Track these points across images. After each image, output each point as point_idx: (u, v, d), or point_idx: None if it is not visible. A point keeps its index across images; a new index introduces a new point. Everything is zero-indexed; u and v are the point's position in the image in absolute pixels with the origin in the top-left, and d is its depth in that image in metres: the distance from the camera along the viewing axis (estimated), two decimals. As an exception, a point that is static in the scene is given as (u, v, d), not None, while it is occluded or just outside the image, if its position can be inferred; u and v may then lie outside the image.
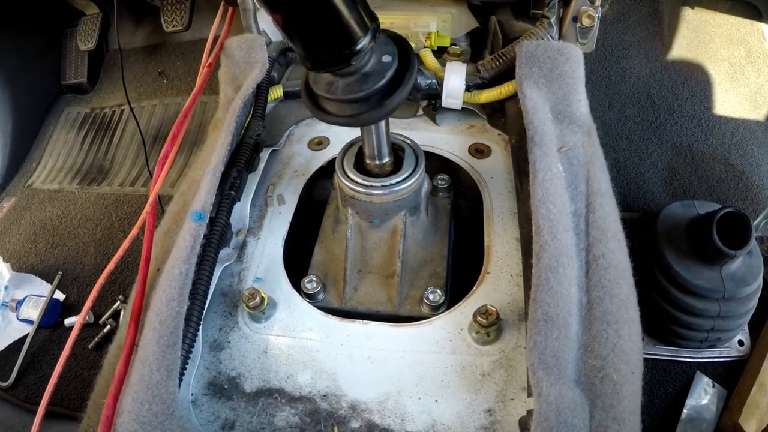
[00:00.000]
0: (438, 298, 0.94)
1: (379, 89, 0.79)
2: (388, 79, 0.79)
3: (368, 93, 0.78)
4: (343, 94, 0.79)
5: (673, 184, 1.75)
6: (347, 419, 0.82)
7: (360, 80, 0.78)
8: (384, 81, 0.79)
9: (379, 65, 0.79)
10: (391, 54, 0.80)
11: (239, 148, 1.11)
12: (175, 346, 0.79)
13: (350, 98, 0.79)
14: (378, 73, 0.79)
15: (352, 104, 0.80)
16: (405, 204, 0.99)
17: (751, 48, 2.05)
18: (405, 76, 0.80)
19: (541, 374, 0.73)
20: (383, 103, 0.79)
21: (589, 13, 1.20)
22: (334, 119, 0.83)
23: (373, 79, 0.78)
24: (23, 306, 1.63)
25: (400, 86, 0.79)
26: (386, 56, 0.79)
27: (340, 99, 0.80)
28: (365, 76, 0.78)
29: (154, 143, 2.17)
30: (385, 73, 0.79)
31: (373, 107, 0.80)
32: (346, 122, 0.83)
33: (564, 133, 1.07)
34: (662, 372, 1.38)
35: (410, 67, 0.80)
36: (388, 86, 0.79)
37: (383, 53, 0.79)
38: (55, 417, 1.40)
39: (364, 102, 0.80)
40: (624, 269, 0.89)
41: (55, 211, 2.00)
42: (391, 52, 0.80)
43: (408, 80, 0.80)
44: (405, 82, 0.80)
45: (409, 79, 0.80)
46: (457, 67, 1.17)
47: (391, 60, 0.79)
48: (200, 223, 0.92)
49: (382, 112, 0.81)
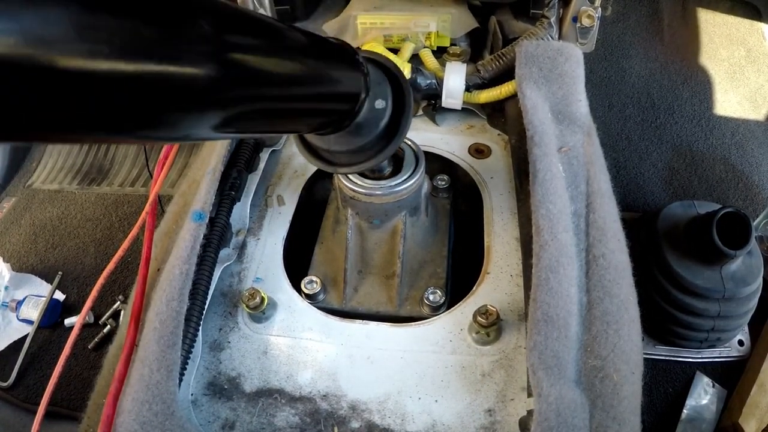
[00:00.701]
0: (438, 299, 0.94)
1: (374, 140, 0.74)
2: (383, 128, 0.74)
3: (362, 145, 0.74)
4: (336, 146, 0.75)
5: (673, 184, 1.75)
6: (347, 419, 0.82)
7: (353, 133, 0.73)
8: (378, 131, 0.74)
9: (371, 113, 0.72)
10: (384, 97, 0.73)
11: (239, 148, 1.11)
12: (175, 346, 0.79)
13: (344, 150, 0.76)
14: (371, 123, 0.73)
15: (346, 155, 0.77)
16: (405, 204, 0.99)
17: (751, 48, 2.05)
18: (401, 121, 0.75)
19: (541, 374, 0.73)
20: (378, 154, 0.76)
21: (588, 13, 1.20)
22: (330, 168, 0.80)
23: (366, 131, 0.73)
24: (23, 306, 1.63)
25: (395, 135, 0.75)
26: (379, 101, 0.73)
27: (333, 150, 0.76)
28: (358, 127, 0.72)
29: (154, 143, 2.17)
30: (379, 123, 0.73)
31: (368, 157, 0.77)
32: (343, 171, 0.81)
33: (564, 133, 1.07)
34: (662, 372, 1.38)
35: (405, 111, 0.75)
36: (383, 135, 0.75)
37: (376, 97, 0.72)
38: (55, 417, 1.40)
39: (359, 153, 0.76)
40: (624, 269, 0.89)
41: (55, 211, 1.99)
42: (384, 95, 0.73)
43: (404, 126, 0.75)
44: (401, 129, 0.75)
45: (405, 124, 0.75)
46: (456, 67, 1.17)
47: (385, 106, 0.73)
48: (200, 223, 0.92)
49: (378, 160, 0.77)
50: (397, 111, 0.75)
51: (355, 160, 0.77)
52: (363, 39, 1.32)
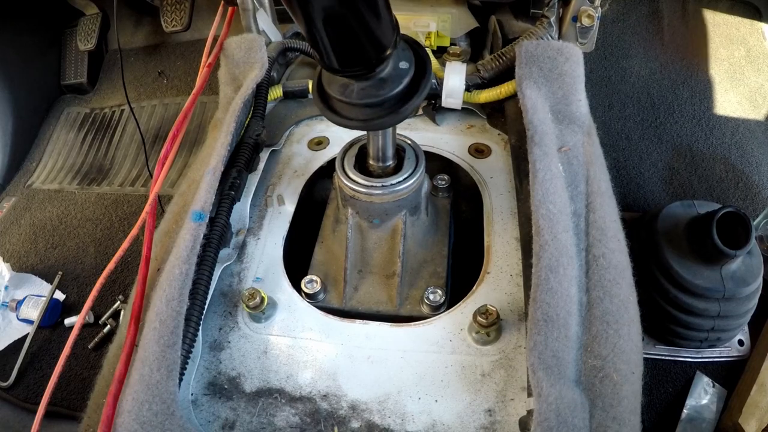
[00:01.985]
0: (438, 298, 0.94)
1: (394, 95, 0.78)
2: (405, 86, 0.78)
3: (384, 98, 0.78)
4: (358, 98, 0.78)
5: (673, 184, 1.75)
6: (347, 419, 0.82)
7: (376, 85, 0.77)
8: (400, 87, 0.78)
9: (395, 71, 0.78)
10: (408, 60, 0.79)
11: (239, 148, 1.11)
12: (175, 346, 0.79)
13: (365, 102, 0.78)
14: (395, 79, 0.78)
15: (366, 108, 0.79)
16: (405, 204, 0.99)
17: (751, 48, 2.05)
18: (421, 83, 0.79)
19: (541, 374, 0.73)
20: (398, 109, 0.79)
21: (588, 13, 1.20)
22: (346, 122, 0.82)
23: (390, 85, 0.77)
24: (23, 306, 1.63)
25: (415, 93, 0.79)
26: (403, 62, 0.78)
27: (354, 103, 0.79)
28: (382, 81, 0.77)
29: (154, 143, 2.17)
30: (401, 80, 0.78)
31: (388, 113, 0.79)
32: (359, 126, 0.82)
33: (564, 132, 1.07)
34: (662, 372, 1.38)
35: (426, 75, 0.80)
36: (403, 93, 0.79)
37: (400, 59, 0.78)
38: (55, 417, 1.40)
39: (378, 107, 0.79)
40: (624, 269, 0.89)
41: (55, 211, 1.99)
42: (408, 59, 0.79)
43: (424, 87, 0.79)
44: (421, 90, 0.79)
45: (425, 86, 0.79)
46: (457, 67, 1.17)
47: (408, 67, 0.78)
48: (200, 223, 0.92)
49: (396, 118, 0.80)
50: (418, 74, 0.80)
51: (375, 114, 0.79)
52: (363, 39, 1.32)
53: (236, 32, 1.30)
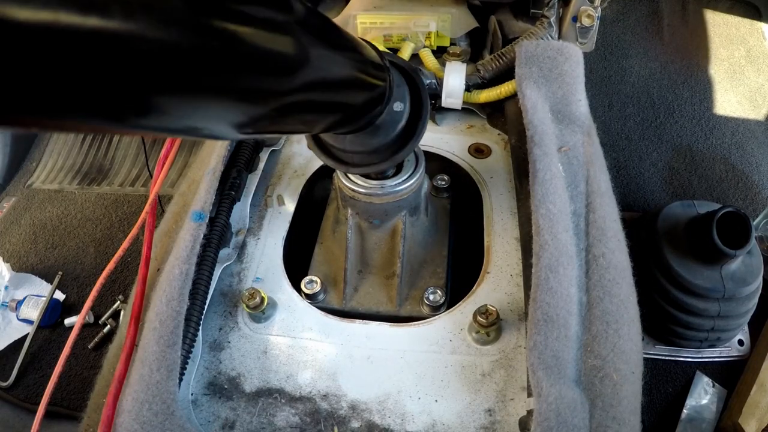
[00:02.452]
0: (438, 298, 0.94)
1: (389, 142, 0.75)
2: (400, 131, 0.75)
3: (377, 147, 0.75)
4: (351, 146, 0.75)
5: (673, 184, 1.75)
6: (347, 419, 0.82)
7: (370, 134, 0.73)
8: (395, 133, 0.74)
9: (389, 116, 0.73)
10: (403, 99, 0.74)
11: (239, 148, 1.10)
12: (175, 346, 0.79)
13: (358, 151, 0.76)
14: (389, 124, 0.74)
15: (359, 155, 0.77)
16: (405, 204, 0.99)
17: (751, 48, 2.05)
18: (417, 126, 0.76)
19: (541, 374, 0.73)
20: (393, 156, 0.76)
21: (588, 13, 1.20)
22: (342, 167, 0.80)
23: (383, 132, 0.74)
24: (23, 306, 1.63)
25: (411, 138, 0.75)
26: (398, 104, 0.74)
27: (347, 150, 0.77)
28: (375, 128, 0.73)
29: (154, 143, 2.17)
30: (396, 125, 0.74)
31: (383, 159, 0.77)
32: (355, 171, 0.81)
33: (564, 132, 1.07)
34: (662, 372, 1.38)
35: (422, 116, 0.76)
36: (399, 138, 0.76)
37: (394, 100, 0.73)
38: (55, 417, 1.40)
39: (373, 154, 0.77)
40: (624, 269, 0.89)
41: (55, 211, 1.99)
42: (402, 97, 0.74)
43: (420, 131, 0.76)
44: (417, 133, 0.75)
45: (421, 129, 0.76)
46: (456, 67, 1.17)
47: (403, 109, 0.74)
48: (200, 223, 0.92)
49: (392, 162, 0.78)
50: (414, 114, 0.76)
51: (369, 160, 0.78)
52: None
53: (236, 32, 1.30)
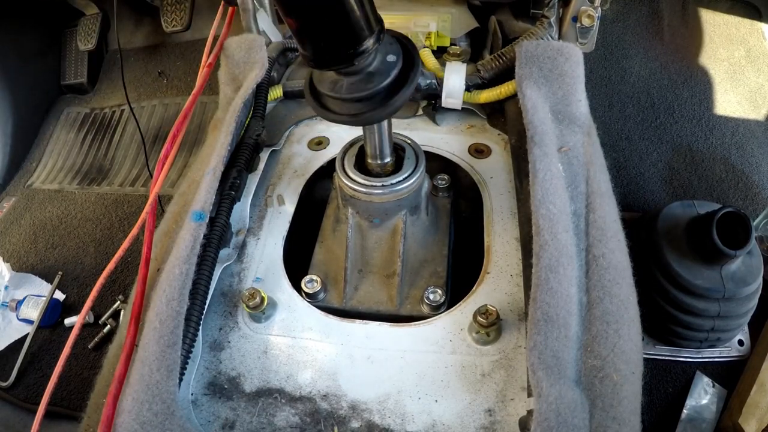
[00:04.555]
0: (438, 298, 0.94)
1: (383, 88, 0.79)
2: (393, 78, 0.79)
3: (372, 92, 0.79)
4: (348, 92, 0.79)
5: (673, 184, 1.75)
6: (347, 419, 0.82)
7: (364, 79, 0.78)
8: (388, 80, 0.79)
9: (383, 65, 0.79)
10: (396, 54, 0.80)
11: (239, 148, 1.11)
12: (175, 346, 0.79)
13: (354, 97, 0.79)
14: (382, 72, 0.79)
15: (356, 103, 0.80)
16: (405, 203, 0.99)
17: (751, 48, 2.05)
18: (409, 75, 0.80)
19: (541, 374, 0.73)
20: (387, 102, 0.80)
21: (588, 13, 1.20)
22: (337, 117, 0.83)
23: (377, 78, 0.78)
24: (23, 306, 1.63)
25: (404, 85, 0.80)
26: (391, 56, 0.79)
27: (344, 98, 0.80)
28: (370, 75, 0.78)
29: (154, 143, 2.17)
30: (389, 73, 0.79)
31: (378, 106, 0.80)
32: (350, 121, 0.83)
33: (564, 133, 1.07)
34: (662, 372, 1.38)
35: (414, 67, 0.81)
36: (392, 85, 0.80)
37: (388, 53, 0.80)
38: (55, 417, 1.40)
39: (368, 101, 0.80)
40: (624, 269, 0.89)
41: (55, 211, 2.00)
42: (396, 52, 0.80)
43: (412, 79, 0.80)
44: (409, 81, 0.80)
45: (414, 78, 0.80)
46: (456, 67, 1.17)
47: (396, 59, 0.79)
48: (200, 223, 0.92)
49: (386, 111, 0.81)
50: (406, 67, 0.81)
51: (365, 108, 0.80)
52: (363, 39, 1.32)
53: (236, 32, 1.30)
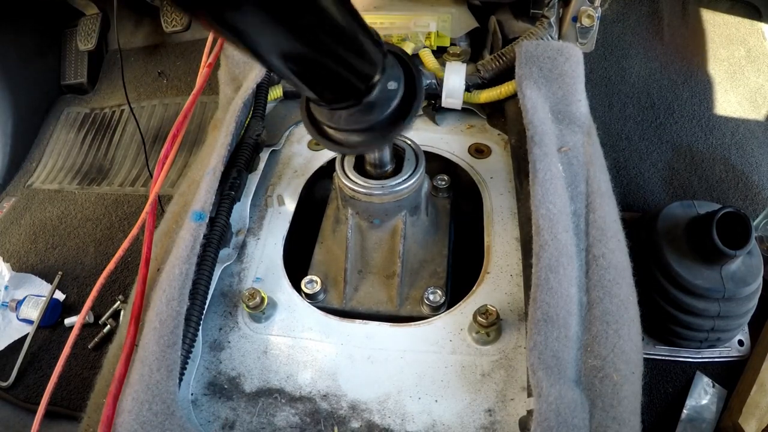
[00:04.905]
0: (438, 298, 0.94)
1: (384, 120, 0.75)
2: (394, 109, 0.75)
3: (372, 124, 0.75)
4: (347, 124, 0.76)
5: (673, 184, 1.75)
6: (347, 419, 0.82)
7: (364, 111, 0.74)
8: (389, 111, 0.75)
9: (383, 93, 0.74)
10: (397, 80, 0.75)
11: (239, 148, 1.11)
12: (175, 346, 0.79)
13: (353, 129, 0.76)
14: (384, 102, 0.74)
15: (354, 134, 0.77)
16: (405, 204, 0.99)
17: (751, 48, 2.05)
18: (412, 104, 0.76)
19: (541, 374, 0.73)
20: (387, 135, 0.77)
21: (588, 13, 1.20)
22: (337, 148, 0.80)
23: (378, 110, 0.74)
24: (23, 306, 1.63)
25: (405, 117, 0.76)
26: (392, 83, 0.75)
27: (342, 129, 0.77)
28: (370, 106, 0.74)
29: (154, 143, 2.17)
30: (390, 103, 0.75)
31: (377, 138, 0.77)
32: (348, 151, 0.81)
33: (564, 133, 1.07)
34: (662, 372, 1.38)
35: (417, 95, 0.77)
36: (393, 115, 0.76)
37: (389, 79, 0.75)
38: (55, 417, 1.40)
39: (368, 132, 0.77)
40: (624, 269, 0.89)
41: (55, 211, 1.99)
42: (397, 77, 0.76)
43: (415, 108, 0.76)
44: (411, 112, 0.76)
45: (416, 107, 0.76)
46: (456, 67, 1.17)
47: (397, 87, 0.75)
48: (200, 223, 0.92)
49: (386, 141, 0.78)
50: (408, 94, 0.77)
51: (364, 139, 0.78)
52: (363, 39, 1.32)
53: (236, 32, 1.30)
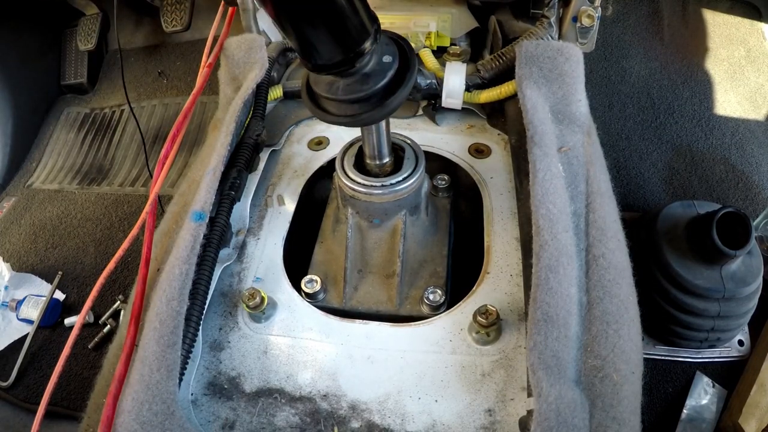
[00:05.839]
0: (438, 298, 0.94)
1: (379, 89, 0.79)
2: (389, 79, 0.79)
3: (369, 93, 0.78)
4: (344, 94, 0.79)
5: (673, 184, 1.75)
6: (347, 419, 0.82)
7: (361, 80, 0.78)
8: (385, 81, 0.79)
9: (379, 65, 0.79)
10: (392, 54, 0.80)
11: (239, 148, 1.11)
12: (175, 346, 0.79)
13: (351, 98, 0.79)
14: (379, 73, 0.79)
15: (352, 104, 0.80)
16: (405, 204, 0.99)
17: (751, 48, 2.05)
18: (406, 75, 0.80)
19: (541, 374, 0.73)
20: (384, 103, 0.80)
21: (588, 13, 1.20)
22: (334, 119, 0.83)
23: (373, 80, 0.78)
24: (23, 306, 1.63)
25: (400, 86, 0.80)
26: (387, 56, 0.79)
27: (340, 99, 0.80)
28: (366, 76, 0.78)
29: (154, 143, 2.17)
30: (385, 74, 0.79)
31: (374, 107, 0.80)
32: (347, 122, 0.84)
33: (564, 133, 1.07)
34: (662, 372, 1.38)
35: (410, 67, 0.81)
36: (388, 86, 0.80)
37: (384, 54, 0.79)
38: (55, 417, 1.40)
39: (365, 102, 0.80)
40: (624, 269, 0.89)
41: (55, 211, 2.00)
42: (392, 53, 0.80)
43: (409, 80, 0.80)
44: (406, 82, 0.80)
45: (410, 78, 0.80)
46: (456, 67, 1.17)
47: (392, 60, 0.79)
48: (200, 223, 0.92)
49: (382, 112, 0.81)
50: (402, 68, 0.80)
51: (362, 109, 0.80)
52: (363, 39, 1.32)
53: (236, 32, 1.30)
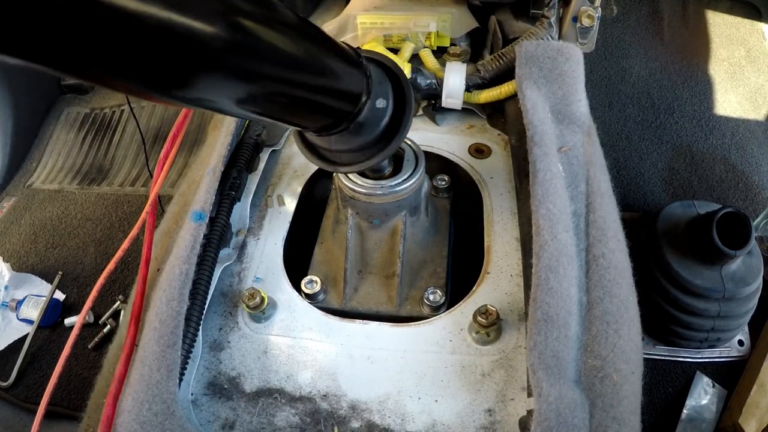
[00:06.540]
0: (438, 298, 0.94)
1: (374, 139, 0.74)
2: (384, 128, 0.74)
3: (363, 144, 0.74)
4: (337, 145, 0.75)
5: (673, 184, 1.75)
6: (347, 419, 0.82)
7: (354, 131, 0.72)
8: (379, 130, 0.73)
9: (372, 113, 0.71)
10: (386, 96, 0.73)
11: (239, 148, 1.11)
12: (175, 346, 0.79)
13: (344, 149, 0.75)
14: (372, 122, 0.72)
15: (345, 154, 0.77)
16: (405, 204, 0.99)
17: (751, 48, 2.05)
18: (401, 122, 0.74)
19: (541, 374, 0.73)
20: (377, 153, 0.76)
21: (588, 13, 1.20)
22: (331, 167, 0.80)
23: (367, 130, 0.72)
24: (23, 306, 1.63)
25: (396, 134, 0.74)
26: (380, 100, 0.72)
27: (333, 149, 0.76)
28: (359, 126, 0.71)
29: (154, 143, 2.17)
30: (380, 122, 0.73)
31: (370, 156, 0.76)
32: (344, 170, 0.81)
33: (564, 133, 1.07)
34: (662, 372, 1.38)
35: (406, 111, 0.74)
36: (383, 134, 0.75)
37: (377, 97, 0.72)
38: (55, 417, 1.40)
39: (360, 152, 0.76)
40: (624, 269, 0.89)
41: (55, 211, 1.99)
42: (385, 94, 0.73)
43: (405, 125, 0.74)
44: (401, 128, 0.74)
45: (406, 123, 0.75)
46: (456, 67, 1.17)
47: (386, 105, 0.72)
48: (200, 223, 0.92)
49: (378, 160, 0.77)
50: (398, 110, 0.75)
51: (356, 159, 0.77)
52: (363, 39, 1.32)
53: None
